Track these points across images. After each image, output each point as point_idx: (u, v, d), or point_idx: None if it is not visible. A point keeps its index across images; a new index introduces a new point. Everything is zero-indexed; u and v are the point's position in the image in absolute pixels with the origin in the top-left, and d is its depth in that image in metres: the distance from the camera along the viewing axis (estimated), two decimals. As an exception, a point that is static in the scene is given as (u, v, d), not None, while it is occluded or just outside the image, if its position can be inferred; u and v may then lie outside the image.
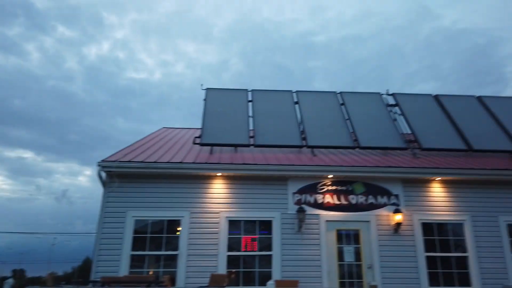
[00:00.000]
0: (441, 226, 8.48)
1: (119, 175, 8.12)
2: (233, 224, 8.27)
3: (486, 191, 8.71)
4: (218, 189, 8.42)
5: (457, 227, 8.49)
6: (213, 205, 8.28)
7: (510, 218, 8.51)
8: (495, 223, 8.48)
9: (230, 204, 8.33)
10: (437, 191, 8.70)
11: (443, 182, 8.74)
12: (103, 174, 8.00)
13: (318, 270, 7.97)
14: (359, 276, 8.06)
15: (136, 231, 7.95)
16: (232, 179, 8.51)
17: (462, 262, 8.25)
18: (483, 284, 8.01)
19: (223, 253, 7.93)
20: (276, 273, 7.88)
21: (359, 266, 8.14)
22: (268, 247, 8.14)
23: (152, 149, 9.24)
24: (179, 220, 8.11)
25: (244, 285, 7.76)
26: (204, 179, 8.43)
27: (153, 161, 8.03)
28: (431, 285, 8.01)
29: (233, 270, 7.90)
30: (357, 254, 8.22)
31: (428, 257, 8.21)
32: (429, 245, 8.32)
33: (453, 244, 8.38)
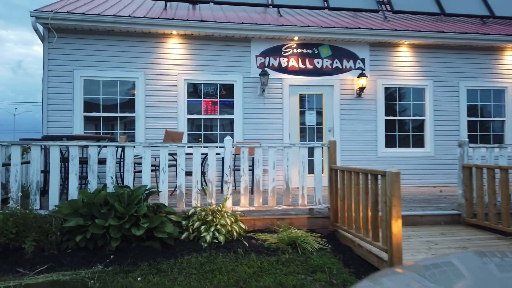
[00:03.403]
0: (403, 91, 8.48)
1: (58, 29, 7.15)
2: (193, 87, 7.84)
3: (450, 56, 8.57)
4: (175, 50, 7.72)
5: (418, 92, 8.53)
6: (170, 67, 7.68)
7: (470, 83, 8.59)
8: (455, 88, 8.56)
9: (188, 66, 7.75)
10: (403, 56, 8.46)
11: (411, 46, 8.45)
12: (40, 27, 6.99)
13: (280, 133, 8.00)
14: (319, 138, 8.20)
15: (87, 92, 7.38)
16: (190, 39, 7.77)
17: (419, 125, 8.51)
18: (435, 145, 8.42)
19: (183, 116, 7.67)
20: (238, 135, 7.84)
21: (319, 129, 8.22)
22: (230, 111, 7.92)
23: (97, 1, 8.07)
24: (133, 81, 7.54)
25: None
26: (159, 38, 7.64)
27: (96, 13, 7.02)
28: (387, 146, 8.34)
29: (194, 132, 7.79)
30: (319, 118, 8.23)
31: (387, 121, 8.37)
32: (389, 109, 8.41)
33: (412, 108, 8.51)
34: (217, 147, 4.54)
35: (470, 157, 5.14)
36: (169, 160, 6.32)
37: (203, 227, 4.11)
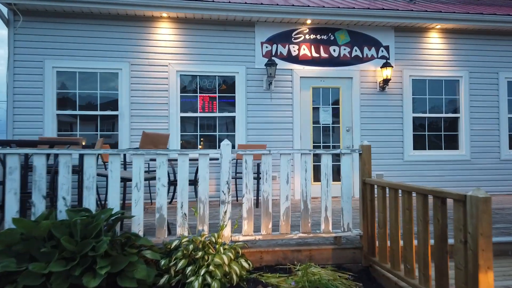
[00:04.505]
0: (434, 84, 7.24)
1: (26, 10, 6.01)
2: (187, 80, 6.67)
3: (488, 43, 7.33)
4: (166, 36, 6.55)
5: (452, 85, 7.29)
6: (159, 56, 6.51)
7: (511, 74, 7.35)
8: (494, 80, 7.31)
9: (182, 56, 6.58)
10: (434, 43, 7.23)
11: (443, 31, 7.22)
12: (4, 9, 5.86)
13: (289, 134, 6.81)
14: (336, 139, 7.00)
15: (60, 86, 6.23)
16: (183, 23, 6.59)
17: (452, 124, 7.28)
18: (471, 147, 7.19)
19: (175, 114, 6.50)
20: (241, 137, 6.66)
21: (336, 129, 7.02)
22: (231, 107, 6.74)
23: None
24: (116, 73, 6.38)
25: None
26: (146, 22, 6.47)
27: (70, -10, 5.87)
28: (415, 148, 7.12)
29: (188, 133, 6.61)
30: (335, 116, 7.02)
31: (415, 118, 7.16)
32: (418, 105, 7.19)
33: (444, 104, 7.28)
34: (209, 154, 3.35)
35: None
36: (152, 170, 5.18)
37: (189, 268, 2.92)
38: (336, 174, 6.73)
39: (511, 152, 7.31)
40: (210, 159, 3.96)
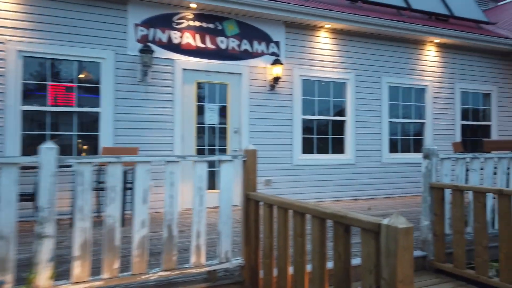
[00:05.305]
0: (323, 85, 7.00)
1: None
2: (34, 64, 5.19)
3: (373, 47, 7.38)
4: (2, 4, 4.98)
5: (340, 87, 7.15)
6: (-8, 29, 4.91)
7: (392, 79, 7.51)
8: (378, 84, 7.39)
9: (26, 32, 5.08)
10: (323, 43, 6.99)
11: (332, 31, 7.03)
12: None
13: (169, 134, 5.81)
14: (223, 142, 6.24)
15: None
16: (29, -11, 5.10)
17: (339, 127, 7.13)
18: (356, 150, 7.13)
19: (15, 107, 4.96)
20: (107, 137, 5.42)
21: (223, 130, 6.25)
22: (95, 101, 5.46)
23: None
24: None
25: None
26: (-28, -19, 4.82)
27: None
28: (304, 152, 6.76)
29: (34, 132, 5.13)
30: (222, 115, 6.26)
31: (304, 121, 6.80)
32: (307, 107, 6.85)
33: (332, 106, 7.09)
34: (17, 163, 2.20)
35: (437, 170, 3.66)
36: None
37: None
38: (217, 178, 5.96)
39: (391, 156, 7.47)
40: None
